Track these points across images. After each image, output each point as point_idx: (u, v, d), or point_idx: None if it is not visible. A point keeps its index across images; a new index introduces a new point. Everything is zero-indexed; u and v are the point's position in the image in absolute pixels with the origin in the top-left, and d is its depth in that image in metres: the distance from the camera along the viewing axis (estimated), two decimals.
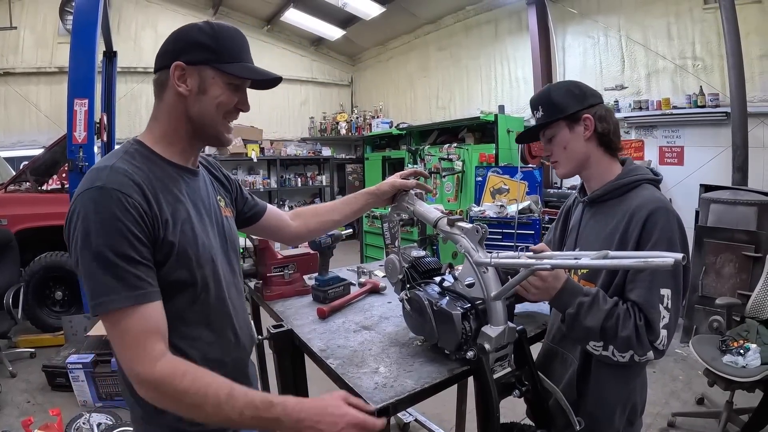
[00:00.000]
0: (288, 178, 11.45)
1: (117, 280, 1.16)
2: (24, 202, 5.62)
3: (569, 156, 1.76)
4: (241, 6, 10.43)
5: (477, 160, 7.15)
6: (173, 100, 1.34)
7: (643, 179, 1.68)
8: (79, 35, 4.70)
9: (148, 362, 1.16)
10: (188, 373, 1.18)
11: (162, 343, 1.20)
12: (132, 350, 1.17)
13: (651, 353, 1.49)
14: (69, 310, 5.49)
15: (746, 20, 5.28)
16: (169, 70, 1.30)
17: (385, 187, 1.95)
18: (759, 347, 3.12)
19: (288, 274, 2.49)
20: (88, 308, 1.20)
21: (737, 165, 5.23)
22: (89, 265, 1.16)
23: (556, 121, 1.74)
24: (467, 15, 8.99)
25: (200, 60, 1.30)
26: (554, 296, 1.58)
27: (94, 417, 3.57)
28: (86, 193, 1.18)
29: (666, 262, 1.07)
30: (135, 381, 1.18)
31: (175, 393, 1.16)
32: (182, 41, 1.32)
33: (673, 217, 1.55)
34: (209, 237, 1.42)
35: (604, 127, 1.70)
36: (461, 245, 1.59)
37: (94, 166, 1.26)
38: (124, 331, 1.17)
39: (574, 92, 1.73)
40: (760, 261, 4.23)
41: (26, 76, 8.71)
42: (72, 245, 1.20)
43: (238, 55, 1.35)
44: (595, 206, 1.79)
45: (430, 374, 1.58)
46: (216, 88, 1.33)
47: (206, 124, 1.36)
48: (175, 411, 1.19)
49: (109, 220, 1.16)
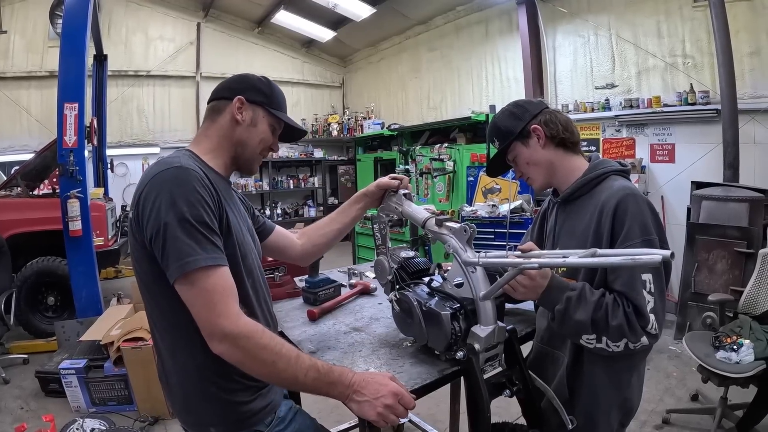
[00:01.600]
0: (280, 180, 11.40)
1: (199, 243, 1.30)
2: (15, 207, 5.58)
3: (535, 168, 1.82)
4: (232, 8, 10.38)
5: (468, 160, 7.14)
6: (227, 124, 1.59)
7: (609, 171, 1.72)
8: (69, 39, 4.70)
9: (233, 317, 1.30)
10: (266, 332, 1.34)
11: (238, 304, 1.35)
12: (217, 306, 1.29)
13: (645, 338, 1.50)
14: (61, 315, 5.45)
15: (736, 18, 5.30)
16: (231, 101, 1.57)
17: (372, 188, 2.00)
18: (752, 343, 3.12)
19: (278, 276, 2.49)
20: (171, 275, 1.31)
21: (728, 162, 5.24)
22: (175, 230, 1.28)
23: (511, 143, 1.82)
24: (458, 15, 8.97)
25: (257, 101, 1.61)
26: (541, 294, 1.58)
27: (88, 422, 3.55)
28: (165, 172, 1.35)
29: (654, 259, 1.07)
30: (218, 337, 1.29)
31: (256, 347, 1.30)
32: (246, 83, 1.62)
33: (642, 202, 1.58)
34: (248, 236, 1.62)
35: (552, 129, 1.76)
36: (449, 245, 1.59)
37: (161, 160, 1.43)
38: (209, 290, 1.30)
39: (515, 113, 1.82)
40: (752, 257, 4.24)
41: (17, 80, 8.66)
42: (150, 217, 1.31)
43: (282, 106, 1.69)
44: (568, 205, 1.82)
45: (420, 375, 1.58)
46: (263, 125, 1.63)
47: (247, 150, 1.62)
48: (249, 366, 1.32)
49: (191, 192, 1.33)
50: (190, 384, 1.47)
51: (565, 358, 1.73)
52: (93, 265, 4.93)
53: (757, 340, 3.14)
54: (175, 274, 1.29)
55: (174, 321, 1.41)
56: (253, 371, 1.33)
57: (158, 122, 9.97)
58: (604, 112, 6.54)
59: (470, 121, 7.41)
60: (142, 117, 9.89)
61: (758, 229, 4.48)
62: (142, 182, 1.38)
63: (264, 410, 1.53)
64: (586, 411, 1.68)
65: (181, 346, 1.45)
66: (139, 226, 1.35)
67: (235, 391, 1.47)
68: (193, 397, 1.48)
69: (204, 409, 1.47)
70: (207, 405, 1.46)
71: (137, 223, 1.36)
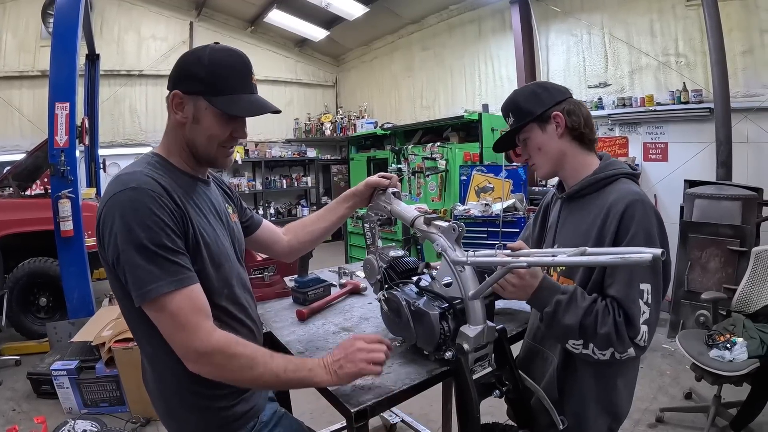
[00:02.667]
0: (273, 179, 11.39)
1: (160, 268, 1.26)
2: (7, 207, 5.54)
3: (545, 156, 1.75)
4: (224, 7, 10.36)
5: (461, 159, 7.12)
6: (173, 123, 1.46)
7: (619, 173, 1.66)
8: (60, 38, 4.68)
9: (204, 336, 1.28)
10: (239, 341, 1.34)
11: (209, 320, 1.33)
12: (186, 329, 1.28)
13: (632, 350, 1.45)
14: (53, 316, 5.42)
15: (729, 17, 5.31)
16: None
17: (361, 187, 1.98)
18: (745, 341, 3.13)
19: (267, 276, 2.48)
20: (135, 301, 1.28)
21: (721, 160, 5.25)
22: (133, 257, 1.25)
23: (527, 124, 1.74)
24: (450, 14, 8.98)
25: (194, 91, 1.39)
26: (531, 295, 1.54)
27: (80, 424, 3.53)
28: (121, 194, 1.28)
29: (644, 258, 1.06)
30: (192, 358, 1.29)
31: (231, 358, 1.30)
32: (181, 70, 1.42)
33: (650, 210, 1.52)
34: (221, 239, 1.52)
35: (574, 121, 1.68)
36: (438, 244, 1.58)
37: (120, 174, 1.36)
38: (175, 313, 1.27)
39: (539, 93, 1.73)
40: (745, 255, 4.25)
41: (8, 80, 8.60)
42: (109, 242, 1.28)
43: (233, 87, 1.40)
44: (572, 202, 1.77)
45: (409, 375, 1.57)
46: (207, 119, 1.41)
47: (199, 149, 1.46)
48: (229, 377, 1.34)
49: (147, 216, 1.26)
50: (169, 392, 1.46)
51: (555, 358, 1.70)
52: (85, 266, 4.91)
53: (750, 338, 3.15)
54: (138, 301, 1.27)
55: (150, 332, 1.37)
56: (234, 382, 1.36)
57: (150, 122, 9.91)
58: (597, 111, 6.54)
59: (463, 120, 7.39)
60: (135, 117, 9.85)
61: (751, 228, 4.49)
62: (102, 200, 1.33)
63: (246, 415, 1.51)
64: (575, 413, 1.67)
65: (159, 355, 1.41)
66: (102, 247, 1.33)
67: (216, 397, 1.45)
68: (174, 404, 1.47)
69: (186, 416, 1.47)
70: (188, 412, 1.45)
71: (99, 244, 1.34)
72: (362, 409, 1.39)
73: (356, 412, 1.38)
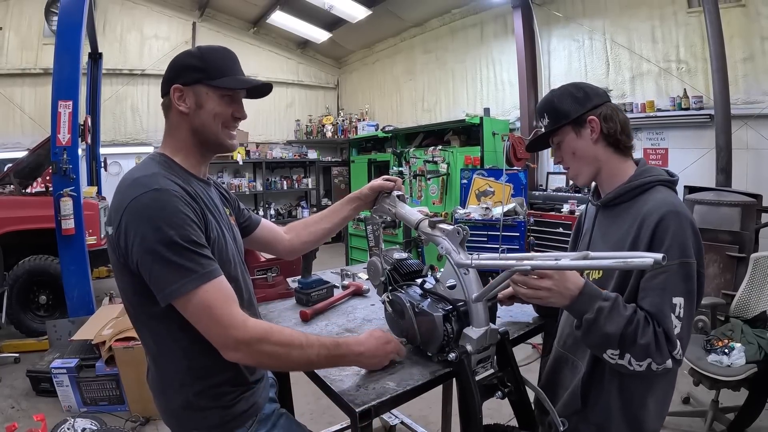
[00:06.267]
0: (274, 180, 11.38)
1: (192, 262, 1.31)
2: (7, 205, 5.54)
3: (580, 161, 1.72)
4: (228, 8, 10.38)
5: (462, 162, 7.15)
6: (177, 118, 1.52)
7: (655, 181, 1.62)
8: (64, 36, 4.68)
9: (241, 324, 1.33)
10: (274, 328, 1.40)
11: (239, 307, 1.37)
12: (223, 319, 1.32)
13: (669, 362, 1.41)
14: (53, 314, 5.42)
15: (730, 24, 5.34)
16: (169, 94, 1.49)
17: (366, 190, 2.00)
18: (743, 346, 3.14)
19: (271, 276, 2.49)
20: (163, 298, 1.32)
21: (721, 166, 5.27)
22: (165, 254, 1.28)
23: (562, 127, 1.70)
24: (453, 18, 9.01)
25: (193, 80, 1.49)
26: (571, 300, 1.46)
27: (79, 422, 3.52)
28: (144, 196, 1.32)
29: (645, 262, 1.07)
30: (232, 347, 1.33)
31: (271, 346, 1.36)
32: (176, 67, 1.52)
33: (686, 222, 1.49)
34: (227, 237, 1.57)
35: (611, 127, 1.64)
36: (442, 247, 1.59)
37: (137, 177, 1.39)
38: (210, 305, 1.31)
39: (576, 95, 1.69)
40: (743, 261, 4.26)
41: (11, 77, 8.62)
42: (134, 243, 1.30)
43: (227, 71, 1.53)
44: (607, 210, 1.74)
45: (412, 376, 1.57)
46: (210, 102, 1.51)
47: (208, 134, 1.53)
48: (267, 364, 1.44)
49: (175, 213, 1.32)
50: (171, 390, 1.49)
51: (583, 367, 1.66)
52: (85, 264, 4.91)
53: (748, 344, 3.16)
54: (170, 298, 1.30)
55: (155, 330, 1.44)
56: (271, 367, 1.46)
57: (152, 121, 9.91)
58: None
59: (464, 124, 7.41)
60: (136, 116, 9.87)
61: (750, 234, 4.51)
62: (119, 204, 1.35)
63: (246, 413, 1.52)
64: (598, 424, 1.65)
65: (162, 353, 1.47)
66: (121, 249, 1.34)
67: (217, 395, 1.47)
68: (175, 402, 1.49)
69: (186, 413, 1.48)
70: (189, 410, 1.47)
71: (119, 246, 1.35)
72: (366, 408, 1.40)
73: (360, 412, 1.38)
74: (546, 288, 1.44)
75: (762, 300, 3.42)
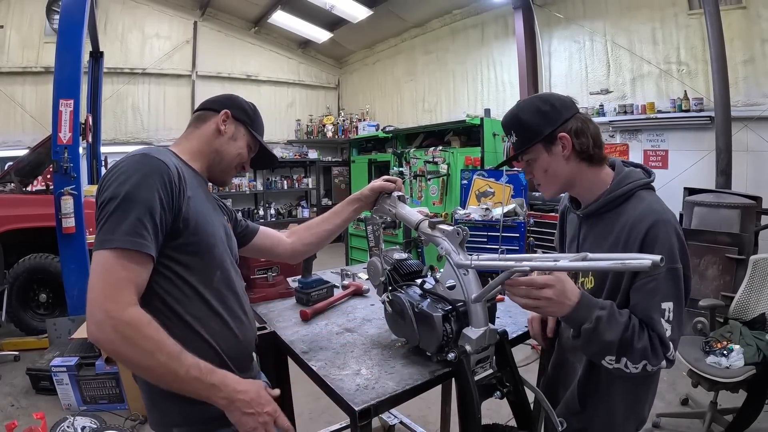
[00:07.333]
0: (274, 180, 11.39)
1: (132, 225, 1.29)
2: (8, 203, 5.55)
3: (552, 178, 1.66)
4: (229, 7, 10.36)
5: (462, 163, 7.15)
6: (210, 133, 1.68)
7: (636, 187, 1.59)
8: (66, 35, 4.69)
9: (121, 304, 1.25)
10: (153, 324, 1.28)
11: (137, 296, 1.31)
12: (111, 289, 1.26)
13: (664, 362, 1.44)
14: (53, 312, 5.44)
15: (730, 26, 5.35)
16: (218, 113, 1.68)
17: (367, 191, 2.01)
18: (742, 348, 3.15)
19: (271, 276, 2.50)
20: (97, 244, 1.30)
21: (721, 168, 5.28)
22: (116, 205, 1.30)
23: (533, 146, 1.62)
24: (454, 19, 9.01)
25: (241, 118, 1.73)
26: (570, 311, 1.44)
27: (79, 420, 3.53)
28: (131, 157, 1.41)
29: (643, 264, 1.08)
30: (101, 318, 1.24)
31: (137, 336, 1.24)
32: (234, 102, 1.75)
33: (671, 229, 1.48)
34: (217, 226, 1.60)
35: (583, 143, 1.57)
36: (442, 247, 1.60)
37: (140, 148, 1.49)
38: (110, 270, 1.27)
39: (544, 110, 1.60)
40: (743, 263, 4.27)
41: (12, 75, 8.59)
42: (104, 189, 1.34)
43: (261, 132, 1.81)
44: (590, 219, 1.71)
45: (412, 376, 1.58)
46: (242, 141, 1.73)
47: (223, 161, 1.70)
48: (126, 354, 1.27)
49: (146, 176, 1.34)
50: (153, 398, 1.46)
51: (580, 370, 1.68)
52: (86, 263, 4.91)
53: (747, 346, 3.17)
54: (99, 245, 1.28)
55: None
56: (129, 362, 1.29)
57: (153, 120, 9.91)
58: (598, 118, 6.58)
59: (465, 125, 7.41)
60: (137, 115, 9.84)
61: (749, 236, 4.52)
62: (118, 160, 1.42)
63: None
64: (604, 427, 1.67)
65: None
66: (98, 195, 1.36)
67: None
68: (157, 395, 1.46)
69: (168, 407, 1.46)
70: (170, 403, 1.44)
71: (98, 191, 1.37)
72: (366, 408, 1.41)
73: (360, 411, 1.39)
74: (546, 298, 1.41)
75: (761, 302, 3.42)
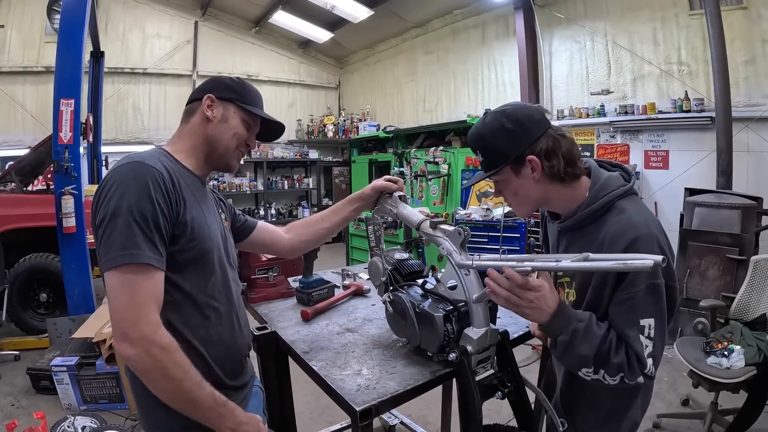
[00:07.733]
0: (275, 180, 11.40)
1: (143, 239, 1.29)
2: (9, 203, 5.56)
3: (522, 200, 1.60)
4: (229, 7, 10.38)
5: (463, 163, 7.13)
6: (199, 123, 1.61)
7: (614, 198, 1.51)
8: (66, 35, 4.69)
9: (154, 324, 1.28)
10: (180, 349, 1.31)
11: (159, 311, 1.32)
12: (141, 308, 1.27)
13: (641, 378, 1.40)
14: (53, 312, 5.43)
15: (731, 26, 5.34)
16: (201, 101, 1.60)
17: (368, 191, 2.00)
18: (743, 348, 3.15)
19: (272, 276, 2.49)
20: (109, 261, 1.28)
21: (721, 169, 5.28)
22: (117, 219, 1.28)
23: (500, 169, 1.53)
24: (455, 19, 9.01)
25: (227, 97, 1.63)
26: (549, 318, 1.41)
27: (79, 420, 3.53)
28: (125, 166, 1.37)
29: (645, 265, 1.08)
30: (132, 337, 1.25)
31: (170, 361, 1.27)
32: (215, 82, 1.67)
33: (652, 243, 1.40)
34: (213, 229, 1.58)
35: (553, 165, 1.48)
36: (444, 247, 1.60)
37: (130, 154, 1.45)
38: (137, 289, 1.27)
39: (511, 130, 1.49)
40: (743, 263, 4.27)
41: (12, 75, 8.61)
42: (100, 205, 1.32)
43: (256, 103, 1.70)
44: (569, 232, 1.64)
45: (413, 376, 1.58)
46: (235, 121, 1.63)
47: (220, 146, 1.62)
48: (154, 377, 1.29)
49: (143, 187, 1.32)
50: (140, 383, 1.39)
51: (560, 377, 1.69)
52: (86, 263, 4.92)
53: (747, 346, 3.17)
54: (108, 264, 1.27)
55: None
56: (155, 385, 1.30)
57: (153, 120, 9.94)
58: (599, 118, 6.59)
59: (465, 125, 7.40)
60: (138, 114, 9.87)
61: (750, 236, 4.51)
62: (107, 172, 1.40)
63: None
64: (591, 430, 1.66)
65: None
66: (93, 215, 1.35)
67: None
68: (144, 399, 1.43)
69: (155, 411, 1.42)
70: (158, 407, 1.38)
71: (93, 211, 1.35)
72: (367, 408, 1.41)
73: (361, 411, 1.39)
74: (528, 300, 1.38)
75: (762, 302, 3.42)
